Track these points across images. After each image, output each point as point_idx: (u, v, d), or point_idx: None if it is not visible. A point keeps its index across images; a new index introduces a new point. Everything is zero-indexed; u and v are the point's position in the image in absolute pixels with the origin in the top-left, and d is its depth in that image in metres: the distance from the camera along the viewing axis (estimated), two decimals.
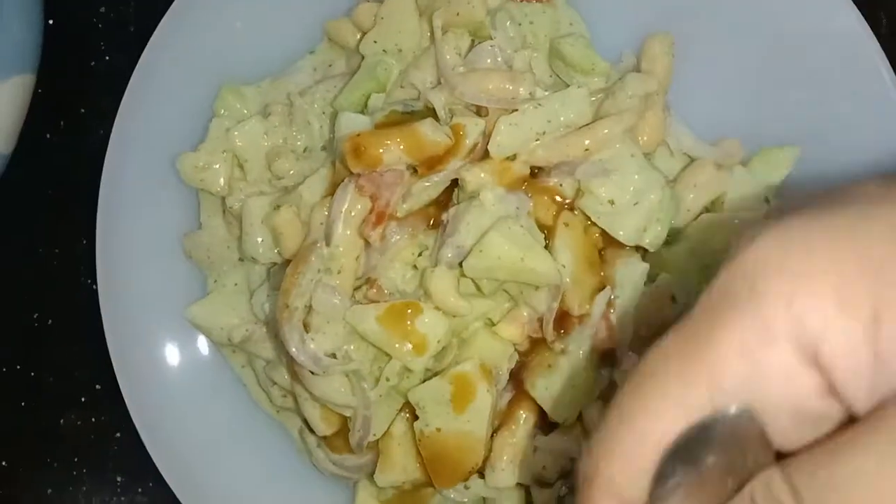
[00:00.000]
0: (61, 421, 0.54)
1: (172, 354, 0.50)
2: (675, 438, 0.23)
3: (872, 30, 0.43)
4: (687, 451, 0.23)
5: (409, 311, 0.42)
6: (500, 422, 0.44)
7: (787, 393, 0.22)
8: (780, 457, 0.23)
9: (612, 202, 0.42)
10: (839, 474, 0.21)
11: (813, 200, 0.23)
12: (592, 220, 0.42)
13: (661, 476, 0.23)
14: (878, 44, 0.43)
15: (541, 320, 0.42)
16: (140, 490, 0.54)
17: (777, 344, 0.21)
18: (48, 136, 0.55)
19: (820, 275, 0.21)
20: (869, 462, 0.20)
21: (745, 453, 0.23)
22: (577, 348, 0.42)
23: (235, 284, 0.49)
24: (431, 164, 0.43)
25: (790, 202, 0.25)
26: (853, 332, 0.21)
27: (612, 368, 0.43)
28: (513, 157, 0.43)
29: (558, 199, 0.43)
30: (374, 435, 0.44)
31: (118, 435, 0.54)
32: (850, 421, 0.22)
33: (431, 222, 0.44)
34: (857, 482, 0.20)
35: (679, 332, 0.23)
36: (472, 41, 0.45)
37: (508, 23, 0.45)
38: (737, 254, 0.23)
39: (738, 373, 0.22)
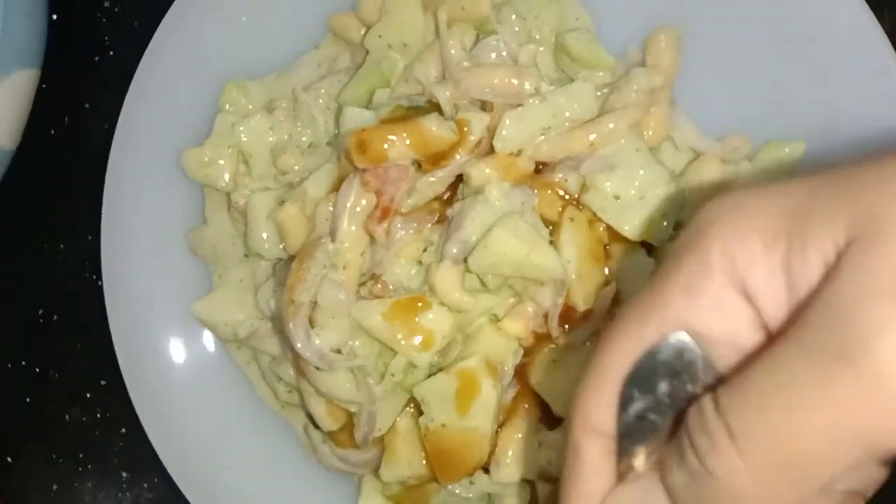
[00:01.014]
0: (66, 417, 0.55)
1: (177, 350, 0.50)
2: (630, 367, 0.26)
3: None
4: (642, 379, 0.26)
5: (415, 306, 0.42)
6: (505, 417, 0.44)
7: (724, 325, 0.25)
8: None
9: (617, 197, 0.42)
10: (758, 392, 0.23)
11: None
12: (598, 214, 0.42)
13: (624, 405, 0.26)
14: (885, 37, 0.42)
15: (546, 316, 0.42)
16: (145, 485, 0.54)
17: (713, 278, 0.25)
18: (52, 131, 0.55)
19: (749, 222, 0.25)
20: (782, 376, 0.23)
21: (693, 379, 0.26)
22: (581, 344, 0.42)
23: (241, 280, 0.49)
24: (436, 159, 0.43)
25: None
26: (772, 264, 0.24)
27: None
28: (518, 153, 0.43)
29: (563, 194, 0.43)
30: (380, 430, 0.44)
31: (123, 431, 0.54)
32: None
33: (436, 218, 0.44)
34: (774, 397, 0.23)
35: (645, 285, 0.27)
36: (477, 36, 0.45)
37: (513, 17, 0.45)
38: (691, 220, 0.27)
39: (680, 305, 0.26)
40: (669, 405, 0.26)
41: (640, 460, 0.27)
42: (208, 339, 0.50)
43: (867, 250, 0.22)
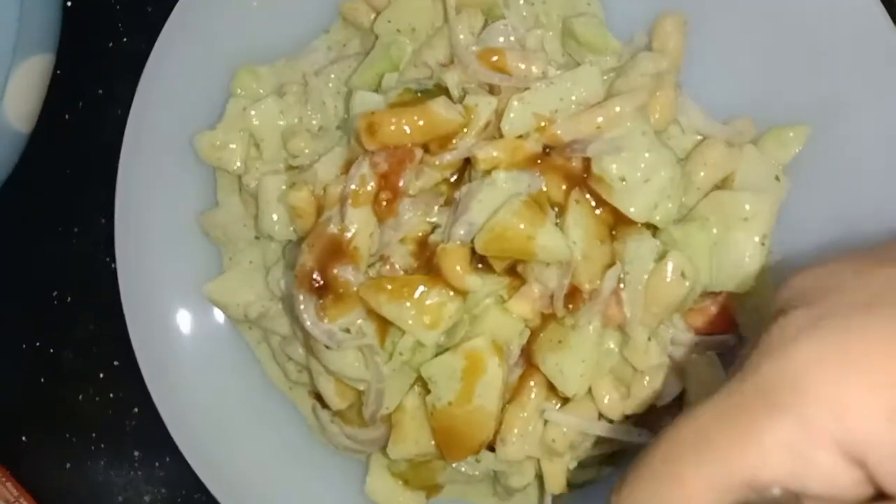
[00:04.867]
0: (80, 397, 0.55)
1: (189, 331, 0.51)
2: None
3: None
4: None
5: (422, 287, 0.43)
6: (511, 396, 0.44)
7: (828, 485, 0.24)
8: None
9: (623, 179, 0.42)
10: None
11: (849, 280, 0.25)
12: (603, 196, 0.43)
13: None
14: (891, 21, 0.43)
15: (552, 296, 0.43)
16: (157, 464, 0.55)
17: (823, 447, 0.23)
18: (66, 116, 0.55)
19: (863, 376, 0.23)
20: None
21: None
22: (587, 324, 0.43)
23: (251, 262, 0.50)
24: (444, 142, 0.44)
25: (826, 255, 0.27)
26: (880, 415, 0.23)
27: (622, 344, 0.44)
28: (525, 136, 0.43)
29: (570, 176, 0.43)
30: (387, 408, 0.45)
31: (135, 410, 0.55)
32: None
33: (444, 200, 0.45)
34: None
35: (717, 410, 0.25)
36: (486, 20, 0.46)
37: (521, 2, 0.45)
38: (776, 350, 0.25)
39: (783, 467, 0.24)
40: None
41: None
42: (219, 320, 0.51)
43: None
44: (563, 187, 0.43)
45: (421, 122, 0.43)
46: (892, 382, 0.23)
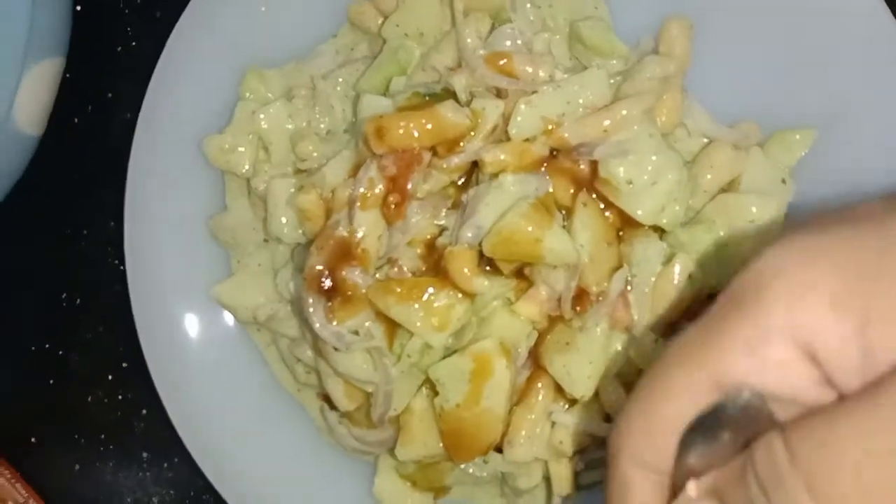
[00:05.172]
0: (89, 398, 0.56)
1: (198, 333, 0.51)
2: (692, 419, 0.26)
3: None
4: (704, 426, 0.26)
5: (430, 289, 0.43)
6: (518, 398, 0.44)
7: (786, 383, 0.25)
8: None
9: (630, 182, 0.42)
10: (832, 434, 0.23)
11: (819, 218, 0.26)
12: (611, 199, 0.43)
13: (683, 447, 0.26)
14: None
15: (559, 299, 0.43)
16: (166, 465, 0.55)
17: (776, 343, 0.24)
18: (76, 119, 0.56)
19: (816, 282, 0.24)
20: (860, 423, 0.22)
21: (757, 430, 0.25)
22: (594, 326, 0.43)
23: (259, 265, 0.50)
24: (452, 145, 0.44)
25: (802, 219, 0.28)
26: (844, 331, 0.23)
27: (629, 346, 0.44)
28: (532, 139, 0.44)
29: (577, 179, 0.43)
30: (395, 410, 0.45)
31: (144, 412, 0.55)
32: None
33: (451, 203, 0.45)
34: (849, 440, 0.22)
35: (695, 328, 0.26)
36: (493, 24, 0.46)
37: (528, 6, 0.46)
38: (748, 265, 0.26)
39: (743, 366, 0.25)
40: (732, 449, 0.26)
41: (692, 486, 0.26)
42: (228, 322, 0.51)
43: None
44: (571, 190, 0.43)
45: (429, 126, 0.43)
46: (839, 268, 0.24)
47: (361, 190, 0.44)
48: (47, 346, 0.56)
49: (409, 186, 0.44)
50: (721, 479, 0.25)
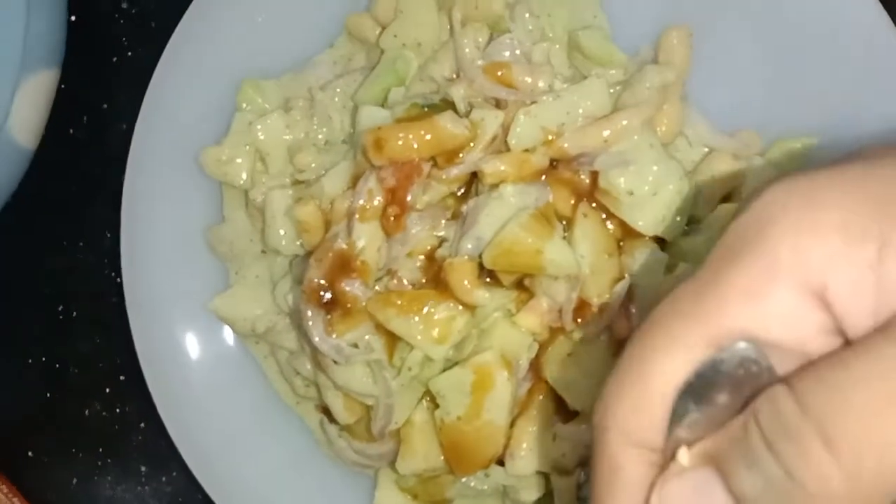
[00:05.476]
0: (86, 412, 0.55)
1: (196, 346, 0.51)
2: (686, 379, 0.23)
3: None
4: (698, 389, 0.23)
5: (430, 301, 0.43)
6: (520, 410, 0.44)
7: (791, 333, 0.22)
8: None
9: (630, 192, 0.42)
10: (849, 378, 0.20)
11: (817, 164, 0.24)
12: (611, 210, 0.43)
13: (675, 416, 0.23)
14: None
15: (560, 310, 0.43)
16: (164, 479, 0.55)
17: (781, 283, 0.22)
18: (71, 131, 0.55)
19: (825, 213, 0.22)
20: (873, 366, 0.20)
21: (757, 388, 0.23)
22: (595, 337, 0.43)
23: (257, 276, 0.49)
24: (451, 156, 0.44)
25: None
26: (859, 263, 0.21)
27: None
28: (532, 149, 0.43)
29: (577, 189, 0.43)
30: (396, 423, 0.44)
31: (142, 425, 0.55)
32: None
33: (451, 214, 0.45)
34: (862, 384, 0.20)
35: (686, 283, 0.24)
36: (491, 34, 0.46)
37: (527, 16, 0.45)
38: (747, 205, 0.23)
39: (741, 313, 0.22)
40: (728, 412, 0.23)
41: (683, 454, 0.23)
42: (226, 335, 0.51)
43: None
44: (571, 201, 0.43)
45: (428, 137, 0.43)
46: (849, 197, 0.22)
47: (360, 202, 0.44)
48: (44, 358, 0.56)
49: (409, 198, 0.44)
50: (716, 444, 0.23)
